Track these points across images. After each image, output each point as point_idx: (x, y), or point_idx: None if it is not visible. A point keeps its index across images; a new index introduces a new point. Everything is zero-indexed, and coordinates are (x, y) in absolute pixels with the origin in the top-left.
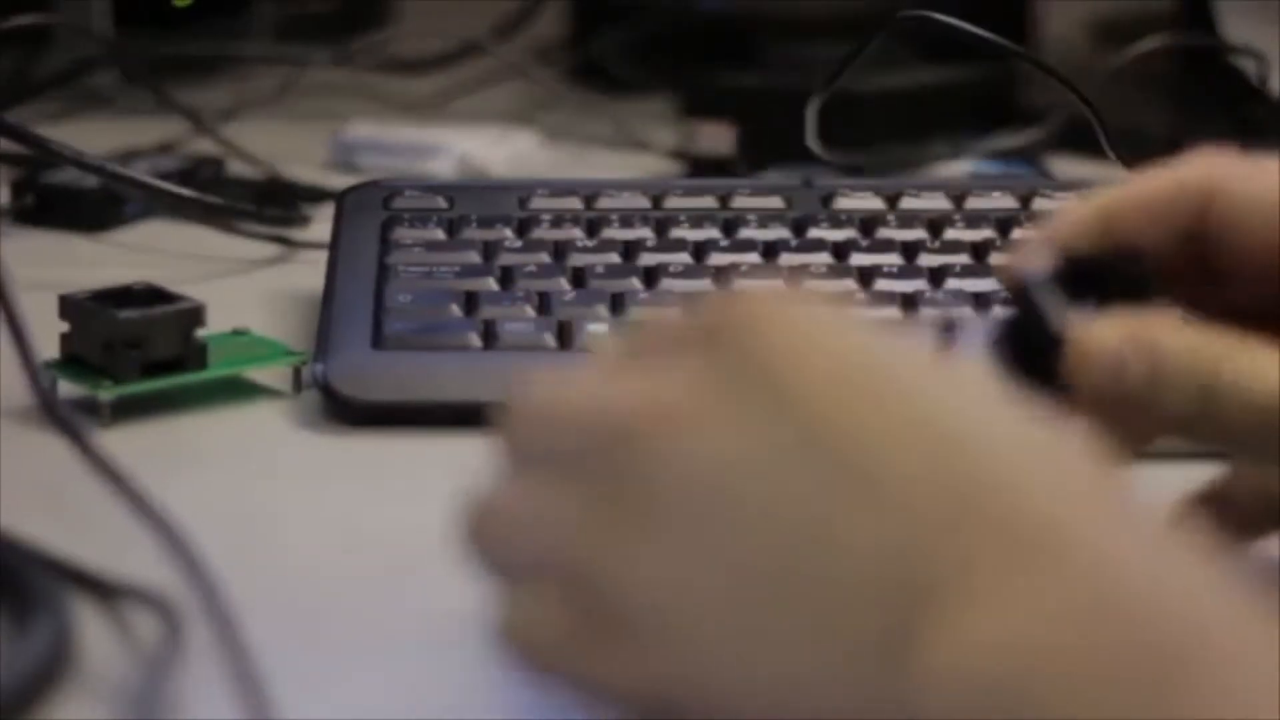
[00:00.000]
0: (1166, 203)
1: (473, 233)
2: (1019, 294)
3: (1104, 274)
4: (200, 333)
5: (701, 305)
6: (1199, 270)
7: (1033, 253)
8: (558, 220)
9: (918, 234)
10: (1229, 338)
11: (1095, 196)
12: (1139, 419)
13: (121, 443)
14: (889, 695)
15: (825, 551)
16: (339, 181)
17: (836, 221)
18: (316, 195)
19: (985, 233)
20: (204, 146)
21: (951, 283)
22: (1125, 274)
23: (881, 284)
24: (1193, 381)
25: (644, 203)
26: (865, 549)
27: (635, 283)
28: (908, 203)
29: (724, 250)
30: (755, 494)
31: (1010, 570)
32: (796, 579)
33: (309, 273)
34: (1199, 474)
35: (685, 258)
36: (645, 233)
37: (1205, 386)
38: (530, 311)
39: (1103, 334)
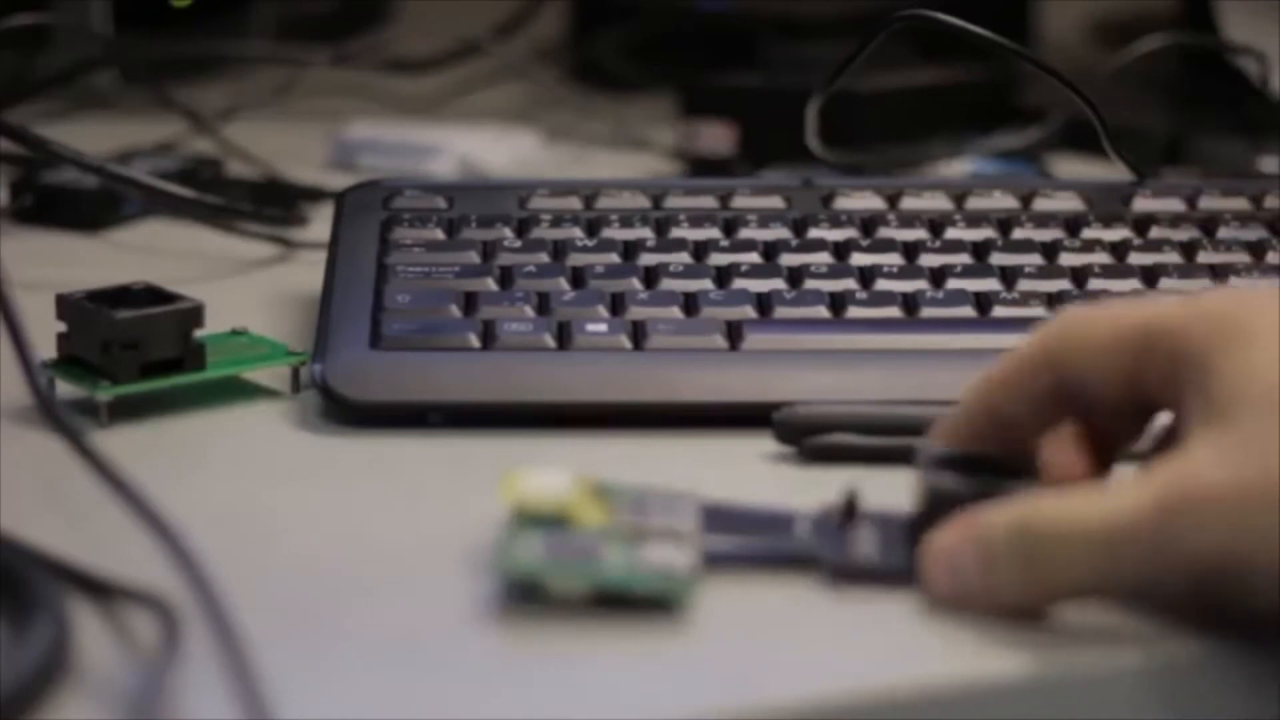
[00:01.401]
0: (1027, 377)
1: (472, 233)
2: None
3: (989, 463)
4: (199, 333)
5: None
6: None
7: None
8: (557, 220)
9: (918, 234)
10: (1041, 493)
11: (971, 389)
12: (994, 610)
13: (119, 443)
14: None
15: None
16: (339, 181)
17: (836, 221)
18: (316, 195)
19: (986, 232)
20: (203, 146)
21: (952, 283)
22: (1005, 462)
23: (882, 284)
24: (1014, 546)
25: (644, 203)
26: None
27: (635, 283)
28: (908, 203)
29: (724, 250)
30: None
31: None
32: None
33: (308, 273)
34: None
35: (685, 258)
36: (645, 233)
37: (1025, 545)
38: (529, 312)
39: (942, 537)
